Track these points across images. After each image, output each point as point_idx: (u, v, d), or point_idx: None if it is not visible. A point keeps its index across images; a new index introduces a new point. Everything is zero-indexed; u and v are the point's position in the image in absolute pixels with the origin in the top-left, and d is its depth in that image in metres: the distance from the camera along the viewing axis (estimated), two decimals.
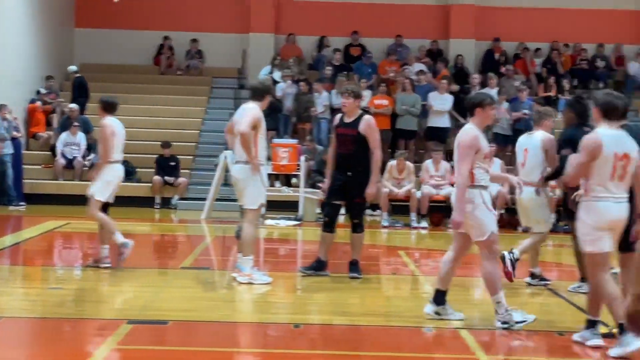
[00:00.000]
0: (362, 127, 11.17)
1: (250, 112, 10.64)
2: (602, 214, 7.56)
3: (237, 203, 11.71)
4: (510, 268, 10.93)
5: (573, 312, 9.50)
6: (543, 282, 11.32)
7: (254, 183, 10.69)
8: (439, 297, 8.95)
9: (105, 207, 11.78)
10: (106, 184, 11.59)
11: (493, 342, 8.44)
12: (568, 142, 10.09)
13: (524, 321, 8.53)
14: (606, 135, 7.59)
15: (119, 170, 11.73)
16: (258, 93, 10.89)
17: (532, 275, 11.39)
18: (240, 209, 11.12)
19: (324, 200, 16.40)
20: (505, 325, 8.50)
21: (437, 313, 8.90)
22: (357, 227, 11.42)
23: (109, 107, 11.79)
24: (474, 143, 8.54)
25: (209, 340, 8.25)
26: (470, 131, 8.61)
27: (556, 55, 25.70)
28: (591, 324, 7.89)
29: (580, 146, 7.76)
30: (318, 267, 11.51)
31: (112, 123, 11.62)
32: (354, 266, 11.40)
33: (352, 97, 11.35)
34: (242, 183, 10.68)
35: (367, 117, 11.40)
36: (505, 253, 11.07)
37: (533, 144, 11.03)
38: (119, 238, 11.48)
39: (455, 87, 23.05)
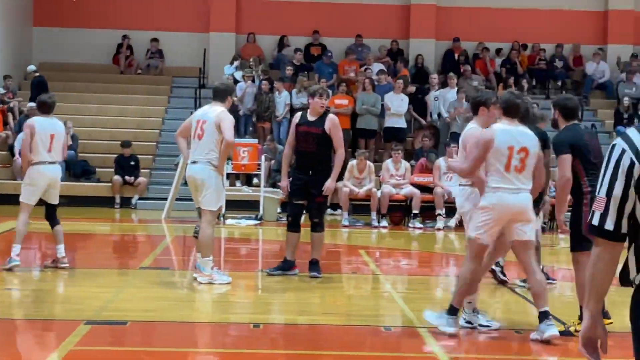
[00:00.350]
0: (327, 126, 11.18)
1: (227, 117, 10.58)
2: (501, 204, 8.02)
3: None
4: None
5: (532, 310, 9.55)
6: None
7: (216, 184, 10.63)
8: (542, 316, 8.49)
9: (51, 210, 11.50)
10: (27, 186, 11.28)
11: (452, 341, 8.47)
12: None
13: (488, 326, 8.53)
14: (500, 130, 8.08)
15: (43, 172, 11.26)
16: (222, 94, 10.84)
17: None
18: (197, 209, 11.06)
19: (284, 200, 16.42)
20: (468, 325, 8.53)
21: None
22: (317, 226, 11.42)
23: (41, 107, 11.54)
24: (479, 141, 8.31)
25: (168, 341, 8.22)
26: (474, 131, 8.45)
27: (515, 55, 25.88)
28: (543, 316, 8.02)
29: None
30: (285, 267, 11.51)
31: (33, 123, 11.30)
32: (314, 265, 11.40)
33: (328, 98, 11.49)
34: (204, 184, 10.59)
35: (332, 116, 11.43)
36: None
37: None
38: (15, 250, 11.19)
39: (411, 89, 23.11)
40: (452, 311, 8.22)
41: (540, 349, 8.16)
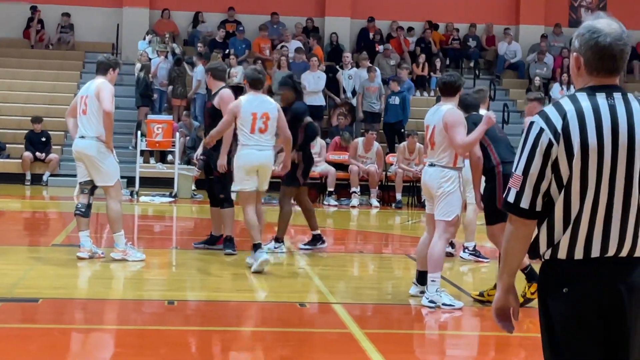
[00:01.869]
0: (216, 101, 11.18)
1: (106, 87, 10.46)
2: (247, 158, 10.18)
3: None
4: None
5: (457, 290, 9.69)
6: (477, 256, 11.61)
7: (108, 159, 10.51)
8: (421, 278, 8.84)
9: None
10: None
11: (365, 316, 8.56)
12: (295, 115, 11.42)
13: (452, 305, 8.53)
14: (245, 100, 10.30)
15: None
16: (104, 67, 10.70)
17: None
18: (79, 184, 10.87)
19: (198, 178, 16.35)
20: (432, 305, 8.49)
21: (422, 292, 8.78)
22: (223, 202, 11.34)
23: None
24: (463, 121, 8.56)
25: (80, 318, 8.14)
26: (456, 111, 8.61)
27: (429, 34, 26.09)
28: (256, 247, 10.07)
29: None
30: (208, 241, 11.61)
31: None
32: (228, 242, 11.38)
33: (210, 75, 11.44)
34: (93, 160, 10.44)
35: (223, 90, 11.32)
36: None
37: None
38: None
39: (322, 68, 23.09)
40: (256, 247, 10.20)
41: (453, 322, 8.30)
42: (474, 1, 26.99)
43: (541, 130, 3.40)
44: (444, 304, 8.48)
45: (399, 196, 19.03)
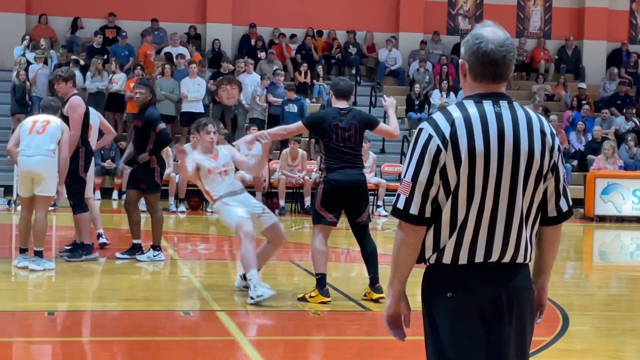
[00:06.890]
0: (65, 108, 11.13)
1: None
2: (20, 165, 10.51)
3: None
4: None
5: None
6: None
7: None
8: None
9: None
10: None
11: (249, 323, 8.56)
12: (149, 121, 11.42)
13: (261, 295, 8.80)
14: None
15: None
16: None
17: None
18: None
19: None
20: (252, 301, 8.80)
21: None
22: (74, 207, 11.35)
23: None
24: None
25: None
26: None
27: (310, 41, 26.22)
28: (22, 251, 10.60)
29: None
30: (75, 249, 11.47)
31: None
32: (80, 249, 11.37)
33: (62, 81, 11.32)
34: None
35: (72, 98, 11.27)
36: None
37: None
38: None
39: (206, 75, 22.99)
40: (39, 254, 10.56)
41: (333, 328, 8.36)
42: (354, 8, 27.23)
43: (430, 137, 3.42)
44: (258, 296, 8.80)
45: (282, 203, 19.11)
